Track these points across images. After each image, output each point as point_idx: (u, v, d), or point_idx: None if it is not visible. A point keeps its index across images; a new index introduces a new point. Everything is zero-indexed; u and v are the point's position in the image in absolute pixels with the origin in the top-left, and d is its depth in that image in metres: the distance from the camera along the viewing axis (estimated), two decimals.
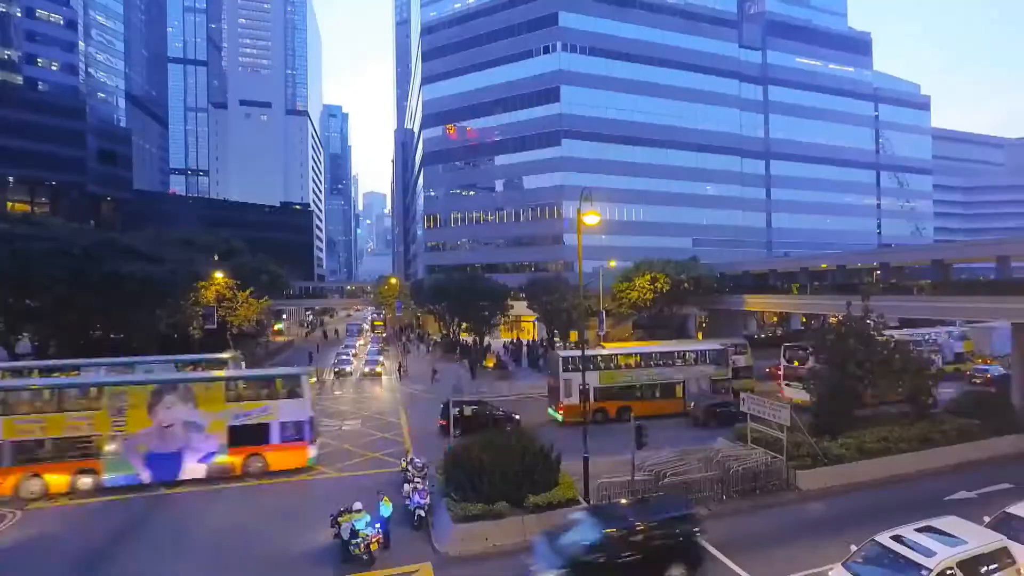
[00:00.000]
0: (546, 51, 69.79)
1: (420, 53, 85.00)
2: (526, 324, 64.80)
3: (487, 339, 54.48)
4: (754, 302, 43.37)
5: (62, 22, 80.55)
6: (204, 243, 54.59)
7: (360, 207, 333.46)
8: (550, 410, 28.91)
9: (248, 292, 48.00)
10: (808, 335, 38.03)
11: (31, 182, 76.48)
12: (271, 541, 14.98)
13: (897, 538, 11.52)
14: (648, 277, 41.79)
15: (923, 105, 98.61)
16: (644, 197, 70.20)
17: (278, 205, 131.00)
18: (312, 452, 20.78)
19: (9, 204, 72.56)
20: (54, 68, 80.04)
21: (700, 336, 54.80)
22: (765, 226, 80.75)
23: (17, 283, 31.07)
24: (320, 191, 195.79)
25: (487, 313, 52.53)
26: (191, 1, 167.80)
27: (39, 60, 78.32)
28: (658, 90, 71.87)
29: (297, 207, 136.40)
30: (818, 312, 41.52)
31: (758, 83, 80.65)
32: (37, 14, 78.18)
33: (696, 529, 13.17)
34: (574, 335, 49.29)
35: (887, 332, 23.22)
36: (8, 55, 75.57)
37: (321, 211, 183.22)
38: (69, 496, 18.19)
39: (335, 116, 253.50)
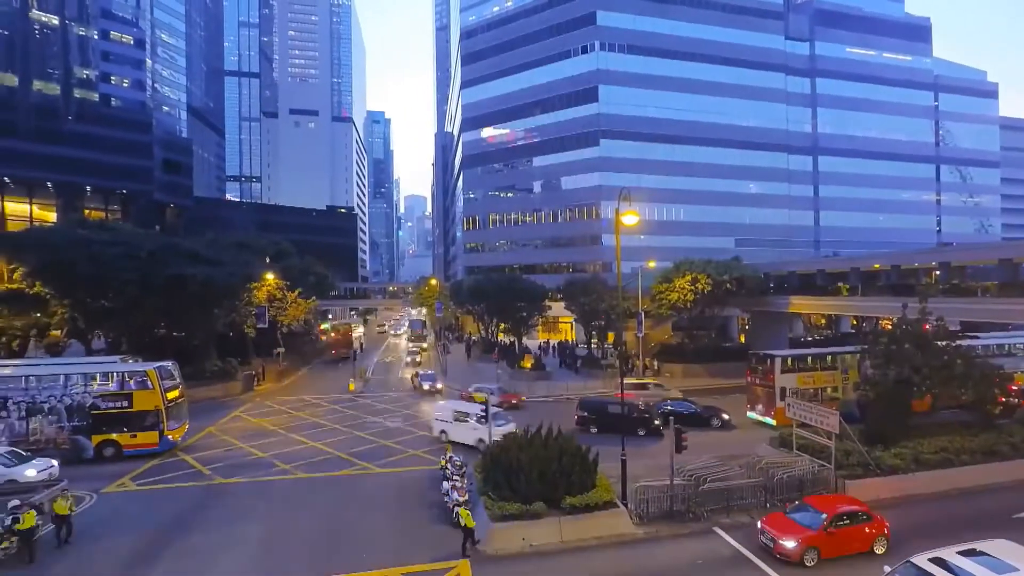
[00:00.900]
0: (584, 51, 69.52)
1: (459, 57, 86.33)
2: (563, 325, 64.70)
3: (524, 340, 54.78)
4: (800, 304, 41.76)
5: (132, 42, 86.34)
6: (256, 246, 57.28)
7: (402, 210, 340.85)
8: (752, 414, 28.79)
9: (296, 293, 50.16)
10: (860, 338, 36.41)
11: (105, 191, 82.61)
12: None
13: (938, 561, 10.53)
14: (689, 278, 40.91)
15: (989, 93, 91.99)
16: (684, 196, 68.79)
17: (324, 209, 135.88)
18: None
19: (87, 212, 78.53)
20: (125, 85, 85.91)
21: (743, 338, 53.28)
22: (813, 224, 77.41)
23: (94, 284, 33.66)
24: (364, 195, 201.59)
25: (525, 314, 52.83)
26: (245, 17, 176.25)
27: (112, 78, 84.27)
28: (699, 87, 70.26)
29: (342, 210, 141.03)
30: (870, 315, 39.61)
31: (805, 76, 77.49)
32: (111, 35, 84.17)
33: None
34: (612, 336, 48.86)
35: (966, 339, 21.95)
36: (87, 74, 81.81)
37: (365, 214, 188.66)
38: (137, 483, 19.67)
39: (378, 122, 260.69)
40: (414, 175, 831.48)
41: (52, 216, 77.51)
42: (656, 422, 25.95)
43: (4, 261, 34.48)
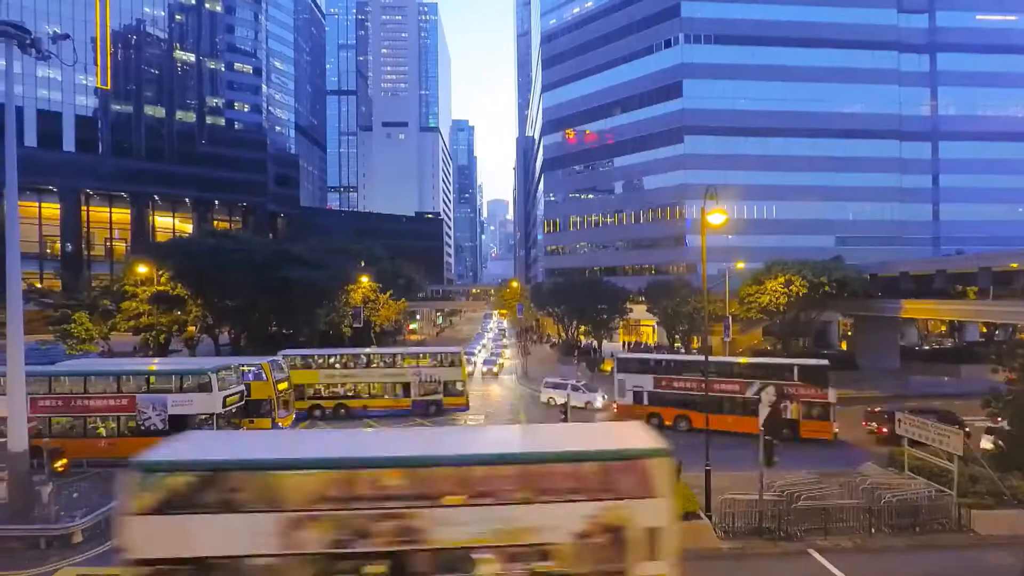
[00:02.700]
0: (667, 45, 67.48)
1: (540, 61, 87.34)
2: (645, 328, 63.16)
3: (605, 342, 54.28)
4: (915, 308, 37.48)
5: (251, 71, 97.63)
6: (353, 251, 61.94)
7: (485, 214, 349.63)
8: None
9: (388, 294, 53.63)
10: (993, 348, 32.14)
11: (229, 204, 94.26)
12: None
13: None
14: (782, 279, 38.36)
15: None
16: (777, 192, 64.30)
17: (413, 215, 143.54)
18: None
19: (215, 223, 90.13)
20: (245, 110, 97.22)
21: (844, 345, 48.87)
22: (931, 219, 68.62)
23: (220, 286, 38.48)
24: (449, 200, 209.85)
25: (605, 316, 52.38)
26: (344, 39, 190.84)
27: (235, 104, 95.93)
28: (794, 73, 65.32)
29: (429, 216, 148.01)
30: (1005, 321, 34.73)
31: (923, 52, 69.13)
32: (235, 67, 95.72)
33: None
34: (696, 340, 47.06)
35: None
36: (216, 103, 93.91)
37: (450, 219, 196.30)
38: None
39: (463, 130, 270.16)
40: (496, 180, 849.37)
41: (189, 227, 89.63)
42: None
43: (154, 267, 40.33)
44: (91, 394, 22.25)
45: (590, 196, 78.65)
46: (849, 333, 50.33)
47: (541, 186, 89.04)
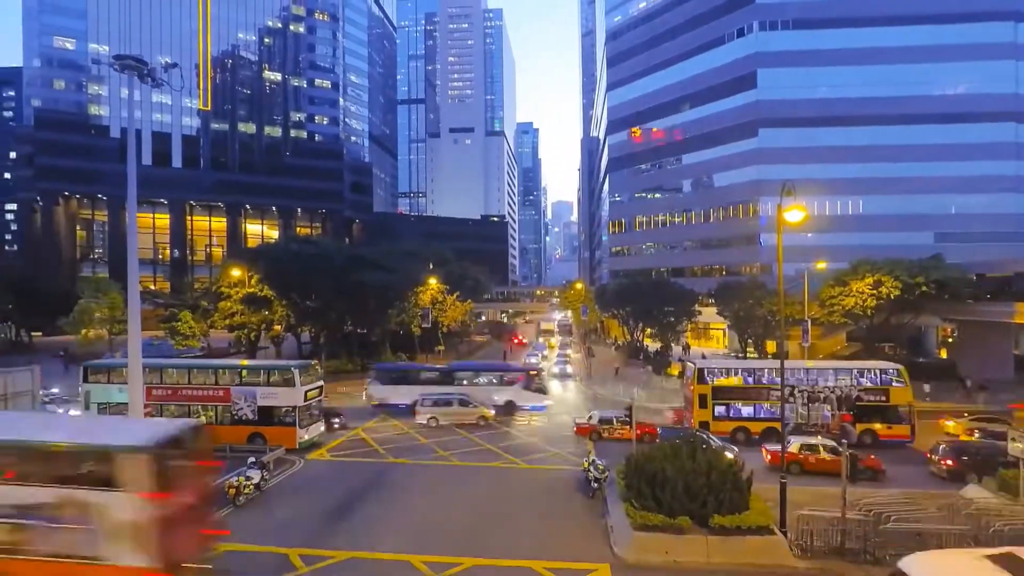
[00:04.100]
0: (740, 34, 64.46)
1: (604, 60, 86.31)
2: (715, 332, 60.52)
3: (672, 346, 52.64)
4: None
5: (329, 86, 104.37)
6: (422, 254, 64.31)
7: (549, 216, 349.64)
8: None
9: (455, 296, 55.13)
10: None
11: (310, 211, 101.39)
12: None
13: None
14: (870, 280, 35.29)
15: None
16: (863, 186, 59.35)
17: (479, 218, 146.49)
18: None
19: (298, 229, 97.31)
20: (324, 123, 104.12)
21: (943, 353, 44.17)
22: None
23: (302, 288, 41.41)
24: (514, 203, 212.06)
25: (672, 319, 50.80)
26: (414, 50, 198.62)
27: (316, 118, 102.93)
28: (885, 55, 59.98)
29: (494, 219, 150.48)
30: None
31: None
32: (316, 83, 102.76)
33: None
34: (772, 345, 44.41)
35: None
36: (299, 117, 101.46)
37: (515, 221, 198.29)
38: (332, 454, 23.75)
39: (527, 133, 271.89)
40: (561, 181, 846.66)
41: (276, 233, 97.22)
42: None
43: (245, 270, 44.12)
44: (195, 385, 24.89)
45: (657, 195, 76.65)
46: (950, 340, 45.39)
47: (606, 186, 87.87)
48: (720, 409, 26.05)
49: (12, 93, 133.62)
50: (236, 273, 44.21)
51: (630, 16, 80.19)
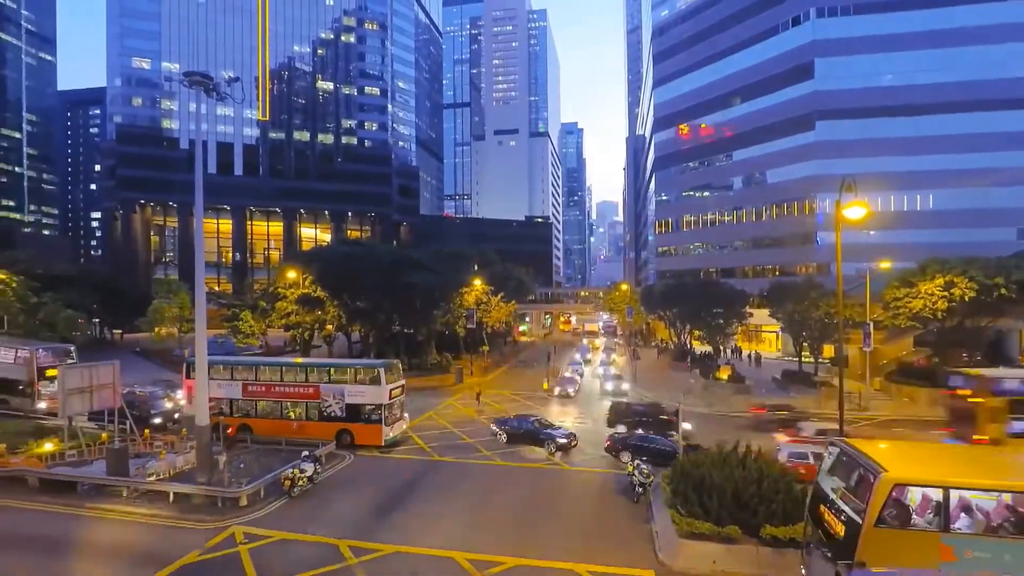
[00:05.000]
0: (795, 23, 61.70)
1: (651, 56, 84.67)
2: (767, 335, 58.07)
3: (722, 349, 50.95)
4: None
5: (378, 93, 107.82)
6: (467, 255, 65.24)
7: (593, 216, 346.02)
8: None
9: (499, 296, 55.56)
10: None
11: (360, 215, 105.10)
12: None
13: None
14: (940, 281, 32.80)
15: None
16: (934, 179, 55.35)
17: (523, 219, 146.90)
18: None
19: (349, 232, 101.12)
20: (374, 129, 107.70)
21: None
22: None
23: (352, 289, 42.96)
24: (558, 204, 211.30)
25: (722, 321, 49.18)
26: (459, 55, 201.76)
27: (366, 124, 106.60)
28: (956, 37, 55.75)
29: (539, 220, 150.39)
30: None
31: None
32: (365, 90, 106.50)
33: None
34: (829, 349, 42.14)
35: None
36: (349, 124, 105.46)
37: (559, 222, 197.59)
38: (380, 451, 24.54)
39: (571, 133, 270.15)
40: (606, 181, 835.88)
41: (328, 237, 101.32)
42: None
43: (300, 272, 46.26)
44: (287, 383, 25.80)
45: (705, 194, 74.42)
46: None
47: (652, 185, 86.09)
48: (1020, 425, 21.70)
49: (97, 111, 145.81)
50: (291, 275, 46.39)
51: (677, 10, 78.30)
